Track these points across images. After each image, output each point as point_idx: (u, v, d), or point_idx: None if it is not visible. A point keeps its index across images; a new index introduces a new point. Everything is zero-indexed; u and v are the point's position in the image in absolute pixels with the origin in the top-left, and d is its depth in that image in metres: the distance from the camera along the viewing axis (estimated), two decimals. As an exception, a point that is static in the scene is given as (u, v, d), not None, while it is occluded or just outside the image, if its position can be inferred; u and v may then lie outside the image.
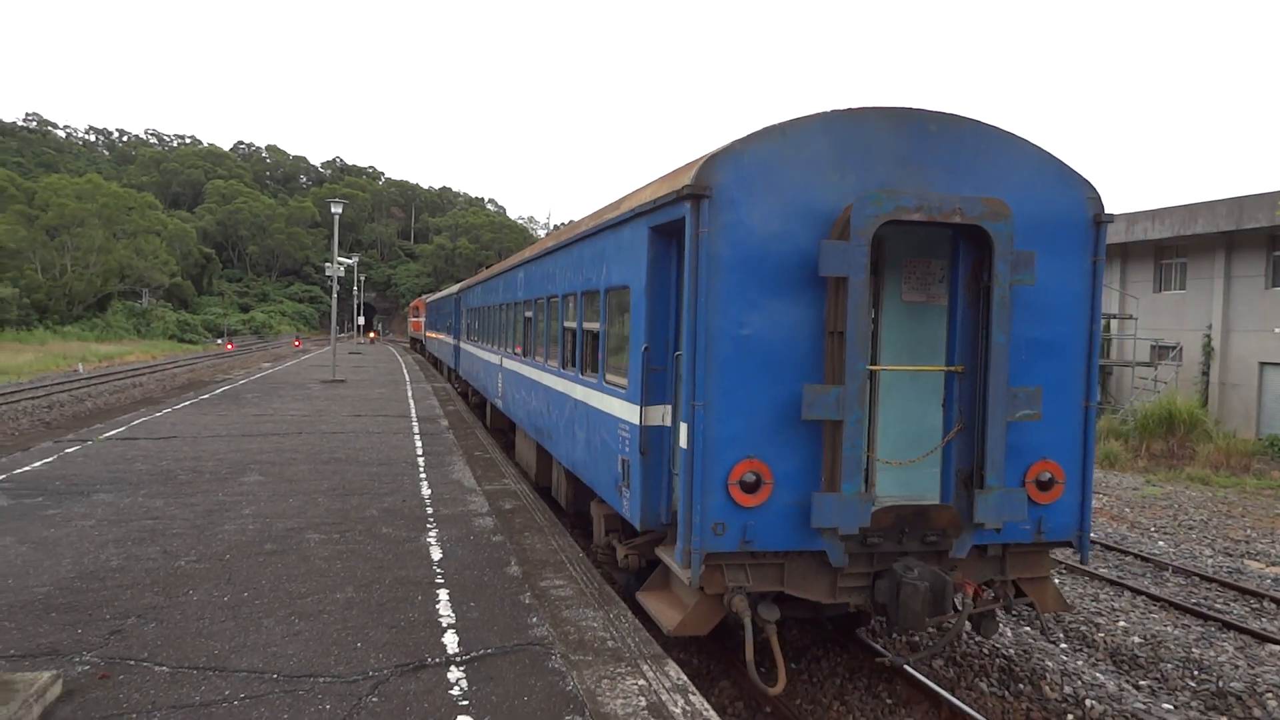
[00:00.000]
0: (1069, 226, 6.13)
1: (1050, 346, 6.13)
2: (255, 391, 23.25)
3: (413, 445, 14.18)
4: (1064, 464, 6.18)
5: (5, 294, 54.58)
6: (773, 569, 5.84)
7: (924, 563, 5.87)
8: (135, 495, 9.78)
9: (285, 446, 13.57)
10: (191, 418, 17.01)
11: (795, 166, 5.65)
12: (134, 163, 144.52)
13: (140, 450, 12.89)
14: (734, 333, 5.59)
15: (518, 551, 7.97)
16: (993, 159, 5.98)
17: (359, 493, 10.25)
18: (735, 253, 5.57)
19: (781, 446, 5.65)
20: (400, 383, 27.97)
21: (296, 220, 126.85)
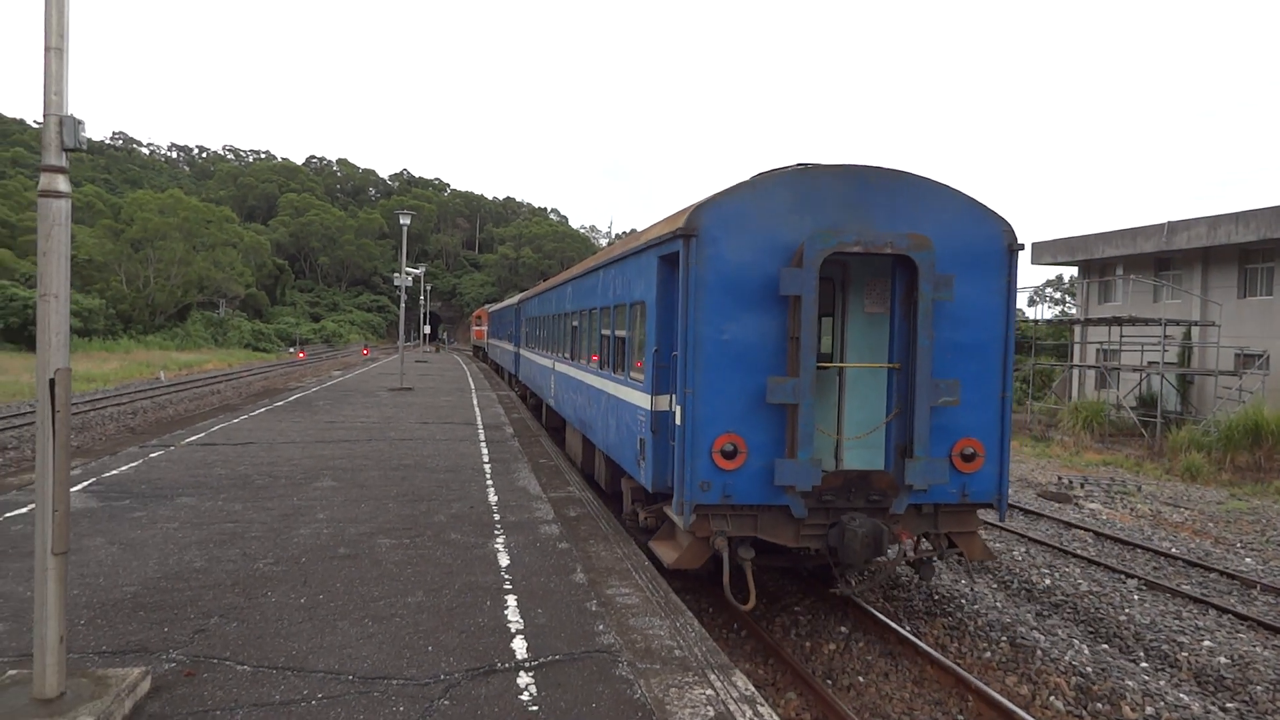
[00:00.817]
0: (986, 255, 7.96)
1: (970, 348, 7.95)
2: (326, 399, 23.87)
3: (479, 452, 14.38)
4: (984, 441, 8.01)
5: (93, 305, 57.04)
6: (748, 518, 7.67)
7: (868, 516, 7.64)
8: (215, 499, 10.12)
9: (356, 453, 13.89)
10: (267, 424, 17.54)
11: (762, 212, 7.54)
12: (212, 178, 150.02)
13: (219, 455, 13.34)
14: (716, 337, 7.47)
15: (583, 559, 8.02)
16: (922, 203, 7.81)
17: (428, 499, 10.44)
18: (717, 277, 7.48)
19: (753, 424, 7.53)
20: (465, 390, 28.41)
21: (365, 232, 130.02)
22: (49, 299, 4.60)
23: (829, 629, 8.89)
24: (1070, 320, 33.22)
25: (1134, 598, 10.38)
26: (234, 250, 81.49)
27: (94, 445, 15.72)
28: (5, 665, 5.32)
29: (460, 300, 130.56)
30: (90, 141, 4.84)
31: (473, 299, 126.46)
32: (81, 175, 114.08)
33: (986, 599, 10.05)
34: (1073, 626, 9.39)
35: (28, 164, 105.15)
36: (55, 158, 4.60)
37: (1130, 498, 17.44)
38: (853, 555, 7.50)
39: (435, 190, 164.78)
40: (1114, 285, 33.68)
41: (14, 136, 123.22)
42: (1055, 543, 12.82)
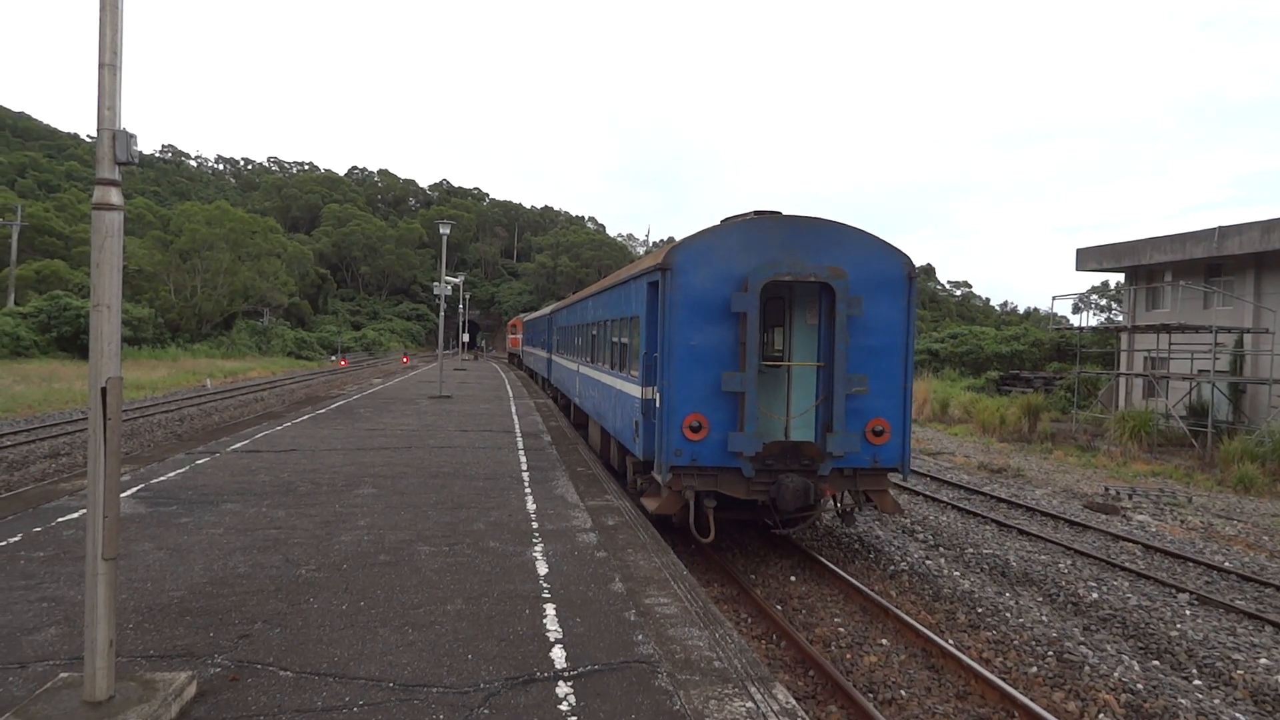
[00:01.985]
0: (891, 280, 10.61)
1: (878, 351, 10.53)
2: (367, 406, 24.14)
3: (517, 460, 14.43)
4: (890, 421, 10.56)
5: (143, 314, 58.41)
6: (711, 477, 10.28)
7: (800, 476, 10.25)
8: (259, 505, 10.27)
9: (396, 460, 14.02)
10: (309, 431, 17.78)
11: (719, 251, 10.26)
12: (258, 189, 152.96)
13: (263, 462, 13.54)
14: (685, 343, 10.16)
15: (621, 568, 7.99)
16: (841, 242, 10.48)
17: (466, 506, 10.49)
18: (685, 299, 10.18)
19: (713, 406, 10.18)
20: (504, 398, 28.57)
21: (405, 241, 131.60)
22: (102, 309, 4.70)
23: (870, 639, 8.78)
24: (1117, 327, 32.53)
25: (1186, 613, 10.10)
26: (278, 260, 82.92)
27: (142, 452, 16.05)
28: (57, 668, 5.44)
29: (499, 308, 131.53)
30: (140, 155, 4.95)
31: (511, 307, 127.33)
32: (132, 188, 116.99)
33: (1032, 612, 9.84)
34: (1122, 642, 9.15)
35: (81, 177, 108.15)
36: (108, 171, 4.70)
37: (1180, 510, 16.99)
38: (786, 504, 10.26)
39: (474, 200, 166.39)
40: (1162, 291, 32.92)
41: (68, 150, 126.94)
42: (1102, 555, 12.53)
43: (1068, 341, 47.77)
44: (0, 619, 6.27)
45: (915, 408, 34.07)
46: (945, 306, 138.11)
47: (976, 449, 25.39)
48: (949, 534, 13.73)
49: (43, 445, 20.40)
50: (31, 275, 60.07)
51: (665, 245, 11.75)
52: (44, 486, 11.67)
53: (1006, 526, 14.48)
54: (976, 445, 26.28)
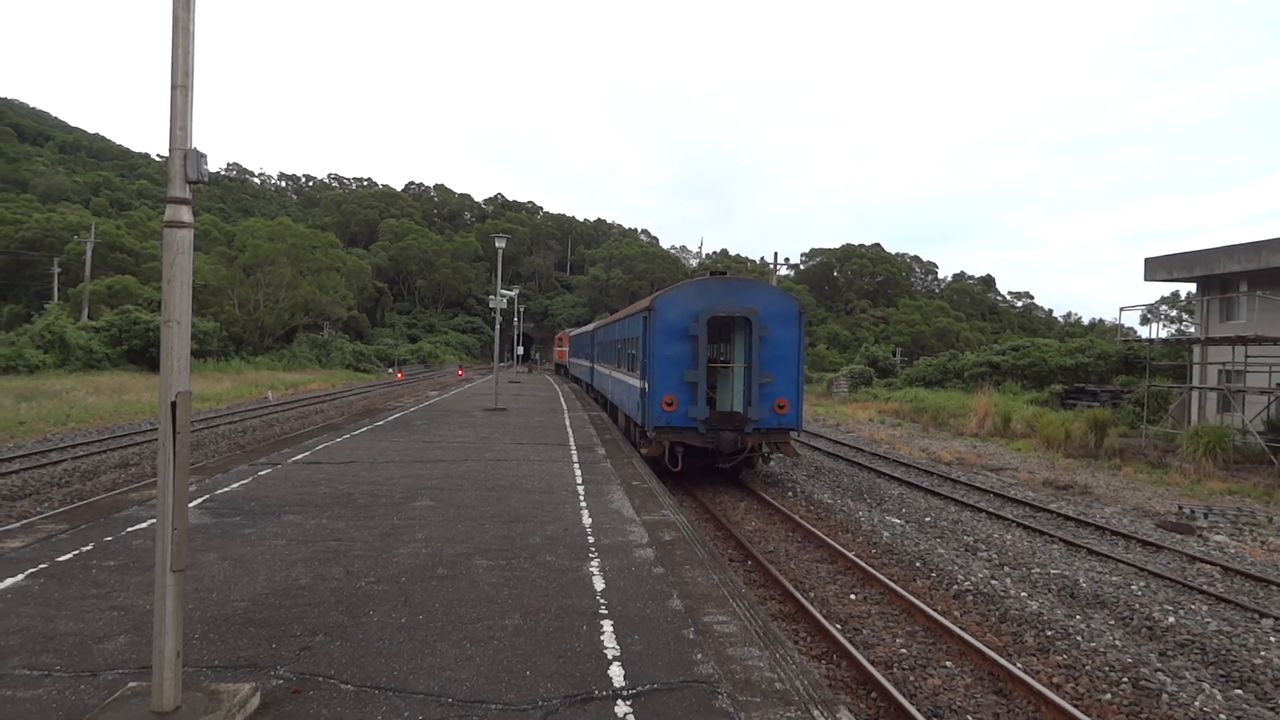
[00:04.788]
0: (789, 314, 17.45)
1: (779, 358, 17.23)
2: (424, 419, 24.45)
3: (572, 474, 14.44)
4: (789, 399, 17.25)
5: (208, 328, 60.16)
6: (679, 433, 17.10)
7: (733, 433, 17.05)
8: (320, 517, 10.42)
9: (453, 473, 14.14)
10: (368, 443, 18.05)
11: (683, 298, 17.35)
12: (318, 205, 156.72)
13: (323, 474, 13.77)
14: (662, 354, 17.16)
15: (679, 585, 7.91)
16: (757, 291, 17.55)
17: (523, 519, 10.51)
18: (663, 327, 17.22)
19: (680, 390, 17.04)
20: (558, 411, 28.71)
21: (461, 255, 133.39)
22: (172, 325, 4.81)
23: (934, 661, 8.55)
24: (1189, 339, 31.42)
25: (1270, 639, 9.64)
26: (337, 274, 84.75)
27: (208, 463, 16.45)
28: (126, 677, 5.55)
29: (552, 321, 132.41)
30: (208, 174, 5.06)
31: (564, 319, 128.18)
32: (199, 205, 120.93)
33: (1104, 636, 9.49)
34: (1201, 669, 8.77)
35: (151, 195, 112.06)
36: (180, 190, 4.81)
37: (1261, 530, 16.28)
38: (724, 448, 17.14)
39: (528, 213, 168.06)
40: (1238, 302, 31.71)
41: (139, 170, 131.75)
42: (1178, 577, 12.05)
43: (1136, 354, 46.36)
44: (73, 626, 6.45)
45: (976, 422, 33.73)
46: (1006, 318, 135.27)
47: (1041, 465, 24.73)
48: (1014, 553, 13.37)
49: (113, 455, 21.06)
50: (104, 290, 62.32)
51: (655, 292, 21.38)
52: (115, 496, 12.02)
53: (1075, 545, 14.04)
54: (1041, 461, 25.60)
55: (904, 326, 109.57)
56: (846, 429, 35.09)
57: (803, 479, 20.34)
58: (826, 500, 17.29)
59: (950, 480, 20.92)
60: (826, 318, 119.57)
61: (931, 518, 16.11)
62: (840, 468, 22.83)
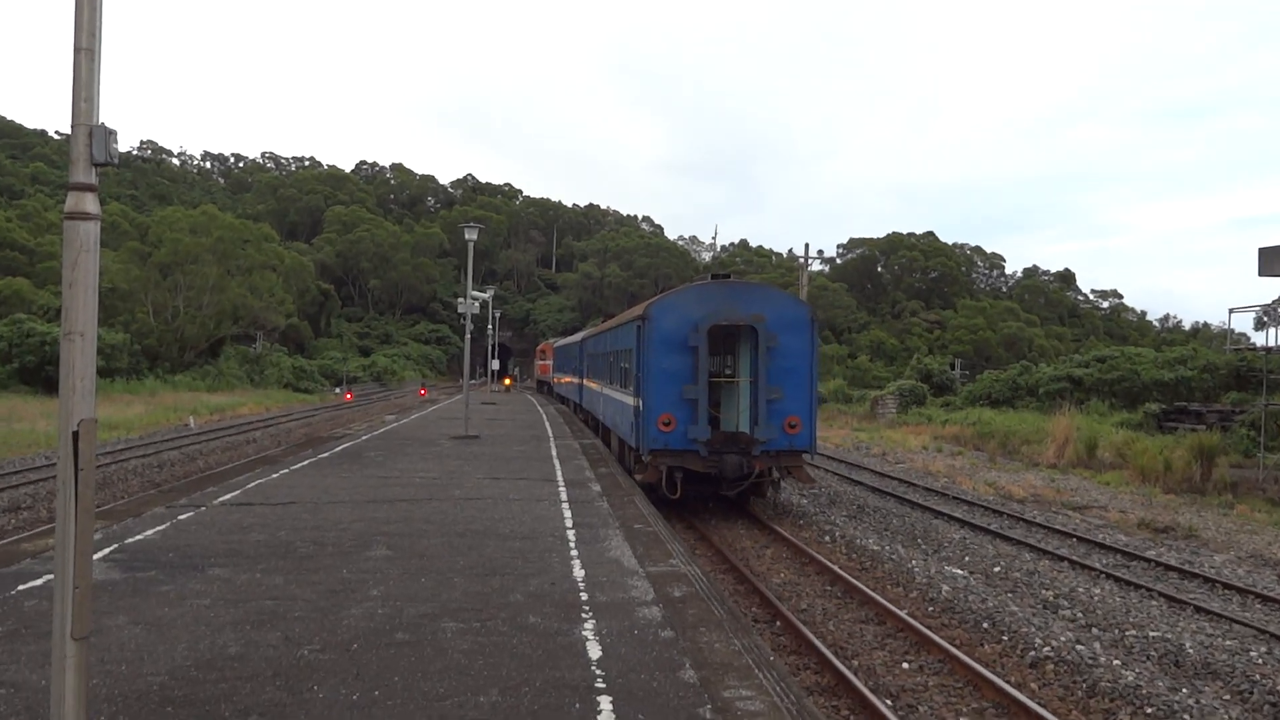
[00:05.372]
0: (800, 322, 19.08)
1: (790, 371, 18.82)
2: (379, 449, 24.46)
3: (560, 515, 14.43)
4: (801, 418, 18.84)
5: (116, 340, 60.16)
6: (678, 456, 18.70)
7: (739, 456, 18.62)
8: (253, 570, 10.41)
9: (415, 515, 14.13)
10: (311, 480, 18.05)
11: (681, 305, 19.10)
12: (250, 190, 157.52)
13: (257, 517, 13.76)
14: (658, 368, 18.82)
15: (693, 651, 7.89)
16: (764, 297, 19.34)
17: (500, 573, 10.49)
18: (659, 337, 18.88)
19: (679, 409, 18.65)
20: (542, 438, 28.71)
21: (423, 249, 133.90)
22: (74, 337, 4.78)
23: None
24: (1313, 347, 31.42)
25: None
26: (273, 274, 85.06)
27: (117, 505, 16.45)
28: (17, 768, 5.53)
29: (535, 329, 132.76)
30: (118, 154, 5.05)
31: (549, 327, 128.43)
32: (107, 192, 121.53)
33: (1218, 714, 9.44)
34: None
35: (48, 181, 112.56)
36: (84, 174, 4.80)
37: (1405, 580, 16.22)
38: (728, 473, 18.62)
39: (505, 198, 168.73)
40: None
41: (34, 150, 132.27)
42: (1306, 639, 12.01)
43: (1249, 366, 46.31)
44: (-48, 707, 6.43)
45: (1054, 449, 33.90)
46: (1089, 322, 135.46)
47: (1134, 502, 24.70)
48: (1103, 610, 13.34)
49: (0, 497, 21.07)
50: (-10, 295, 62.53)
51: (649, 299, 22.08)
52: (3, 547, 12.01)
53: (1178, 602, 14.00)
54: (1134, 497, 25.57)
55: (964, 333, 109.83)
56: (895, 459, 35.09)
57: (842, 520, 20.32)
58: (871, 546, 17.27)
59: (1024, 521, 20.88)
60: (869, 323, 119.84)
61: (1001, 567, 16.07)
62: (888, 506, 22.80)
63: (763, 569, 15.75)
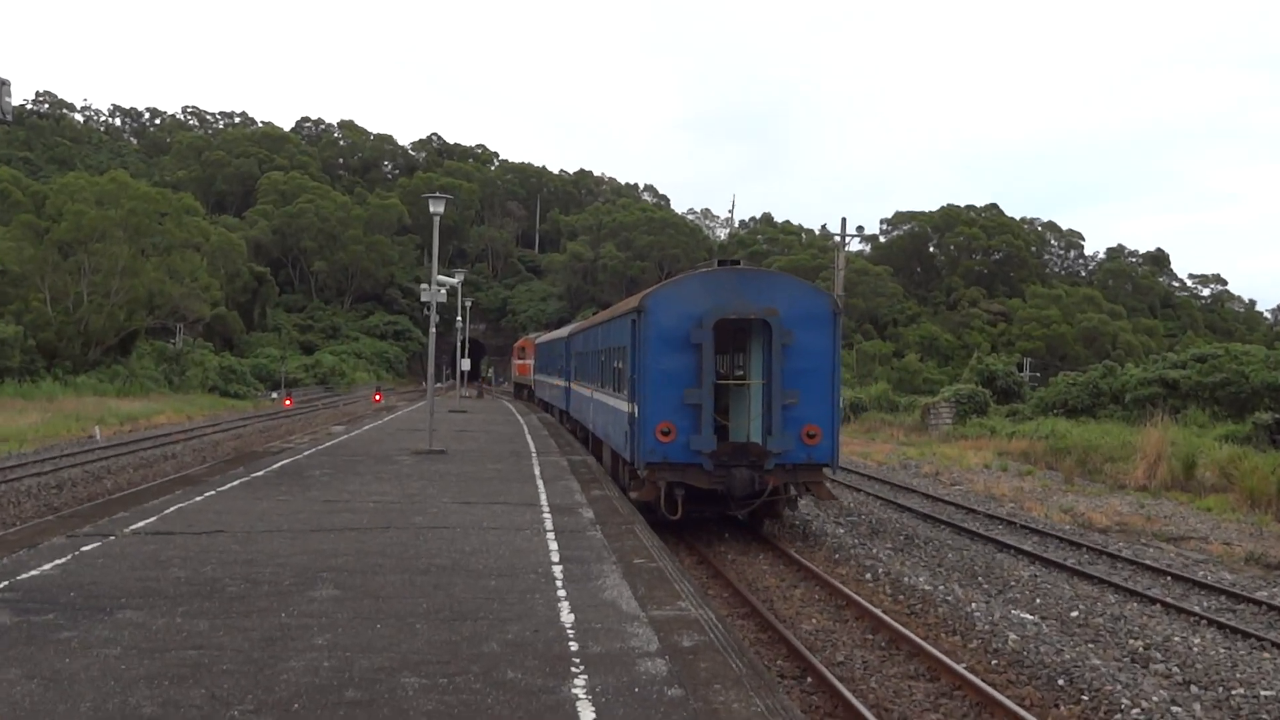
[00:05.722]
0: (819, 315, 20.20)
1: (808, 372, 19.87)
2: (325, 466, 24.45)
3: (544, 548, 14.43)
4: (821, 426, 19.92)
5: (7, 334, 60.10)
6: (679, 471, 19.75)
7: (749, 470, 19.58)
8: (172, 614, 10.39)
9: (368, 547, 14.12)
10: (242, 504, 18.04)
11: (683, 296, 20.35)
12: (169, 153, 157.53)
13: (177, 550, 13.75)
14: (656, 369, 19.92)
15: (706, 714, 7.88)
16: (778, 286, 20.65)
17: (472, 617, 10.48)
18: (656, 333, 20.00)
19: (680, 416, 19.66)
20: (523, 455, 28.69)
21: (378, 224, 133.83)
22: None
23: None
24: None
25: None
26: (197, 255, 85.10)
27: (7, 534, 16.45)
28: None
29: (514, 321, 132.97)
30: (11, 108, 5.02)
31: (530, 319, 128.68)
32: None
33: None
34: None
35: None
36: (-35, 132, 4.76)
37: None
38: (736, 490, 19.45)
39: (477, 163, 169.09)
40: None
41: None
42: None
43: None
44: None
45: (1144, 468, 33.93)
46: (1186, 313, 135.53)
47: (1241, 533, 24.67)
48: (1205, 665, 13.32)
49: None
50: None
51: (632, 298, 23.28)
52: None
53: (1295, 653, 13.96)
54: (1241, 527, 25.54)
55: (1034, 327, 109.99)
56: (950, 479, 35.09)
57: (886, 554, 20.32)
58: (922, 585, 17.26)
59: (1107, 555, 20.87)
60: (919, 314, 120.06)
61: (1080, 612, 16.06)
62: (942, 537, 22.80)
63: (790, 613, 15.74)
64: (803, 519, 23.74)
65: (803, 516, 23.95)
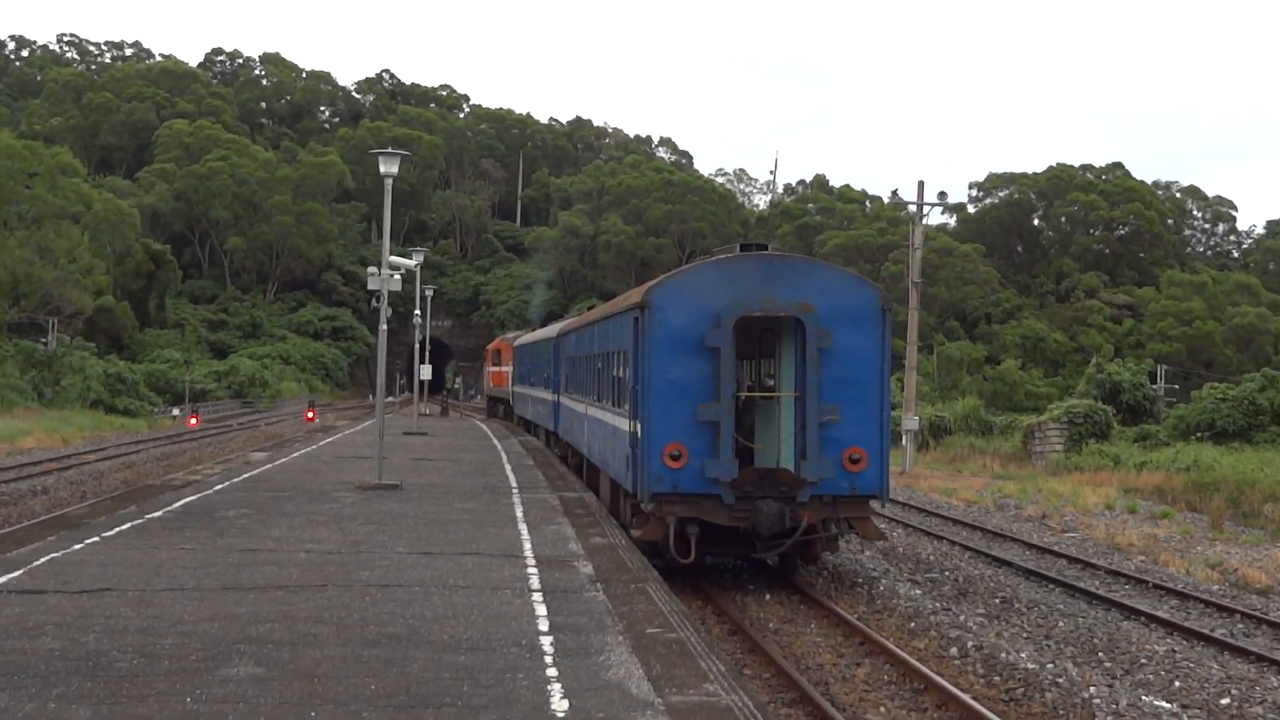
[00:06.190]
0: (864, 313, 21.30)
1: (851, 382, 20.84)
2: (242, 505, 24.42)
3: (530, 612, 14.37)
4: (867, 449, 20.85)
5: None
6: (692, 503, 20.63)
7: (779, 502, 20.21)
8: (43, 699, 10.34)
9: (299, 611, 14.06)
10: (135, 554, 18.00)
11: (696, 289, 21.49)
12: (39, 94, 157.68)
13: (50, 613, 13.70)
14: (663, 378, 20.87)
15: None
16: (812, 277, 21.79)
17: (435, 703, 10.45)
18: (664, 335, 20.99)
19: (693, 436, 20.62)
20: (501, 490, 28.65)
21: (313, 189, 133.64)
22: None
23: None
24: None
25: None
26: (76, 228, 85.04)
27: None
28: None
29: (488, 316, 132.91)
30: None
31: (510, 312, 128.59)
32: None
33: None
34: None
35: None
36: None
37: None
38: (763, 528, 20.00)
39: (442, 110, 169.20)
40: None
41: None
42: None
43: None
44: None
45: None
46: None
47: None
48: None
49: None
50: None
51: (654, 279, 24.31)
52: None
53: None
54: None
55: (1170, 324, 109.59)
56: (1062, 524, 34.98)
57: (977, 621, 20.27)
58: (1025, 663, 17.20)
59: (1267, 624, 20.79)
60: (1020, 307, 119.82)
61: (1233, 699, 16.01)
62: (1051, 600, 22.73)
63: (851, 698, 15.66)
64: (866, 574, 23.69)
65: (866, 571, 23.91)
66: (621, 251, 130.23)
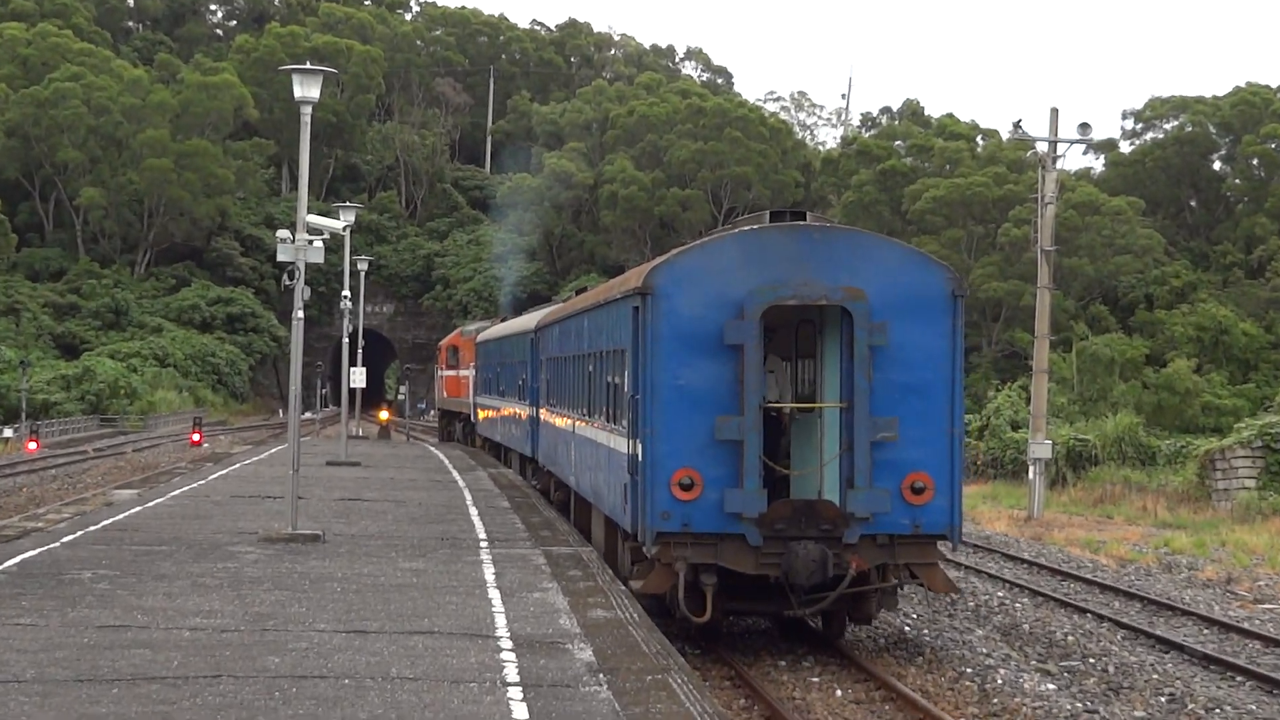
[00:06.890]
0: (930, 301, 22.87)
1: (913, 388, 22.48)
2: (102, 563, 24.50)
3: (504, 716, 14.36)
4: (934, 475, 22.22)
5: None
6: (709, 546, 21.86)
7: (820, 544, 21.29)
8: None
9: (182, 714, 14.01)
10: (-50, 632, 18.05)
11: (713, 269, 23.02)
12: None
13: None
14: (671, 382, 22.43)
15: None
16: (862, 255, 23.65)
17: None
18: (670, 330, 22.55)
19: (708, 459, 22.10)
20: (463, 543, 28.76)
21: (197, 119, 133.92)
22: None
23: None
24: None
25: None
26: None
27: None
28: None
29: (445, 298, 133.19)
30: None
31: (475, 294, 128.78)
32: None
33: None
34: None
35: None
36: None
37: None
38: (798, 577, 20.92)
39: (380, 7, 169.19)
40: None
41: None
42: None
43: None
44: None
45: None
46: None
47: None
48: None
49: None
50: None
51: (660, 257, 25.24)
52: None
53: None
54: None
55: None
56: (1255, 591, 34.98)
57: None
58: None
59: None
60: (1194, 285, 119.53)
61: None
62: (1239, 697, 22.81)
63: None
64: (977, 659, 23.69)
65: (977, 655, 23.92)
66: (633, 208, 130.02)
